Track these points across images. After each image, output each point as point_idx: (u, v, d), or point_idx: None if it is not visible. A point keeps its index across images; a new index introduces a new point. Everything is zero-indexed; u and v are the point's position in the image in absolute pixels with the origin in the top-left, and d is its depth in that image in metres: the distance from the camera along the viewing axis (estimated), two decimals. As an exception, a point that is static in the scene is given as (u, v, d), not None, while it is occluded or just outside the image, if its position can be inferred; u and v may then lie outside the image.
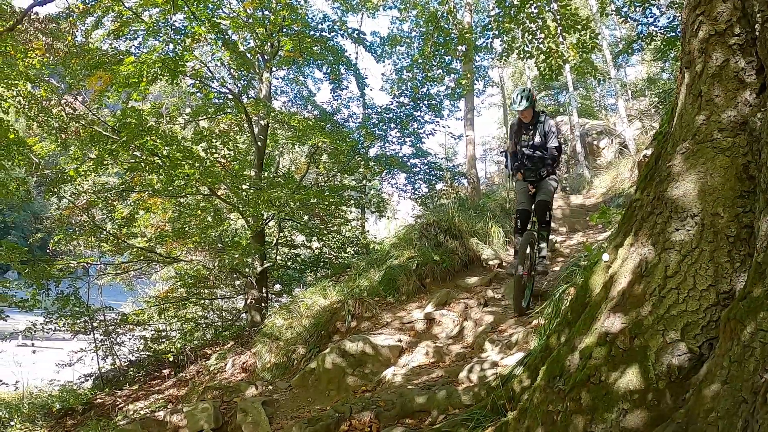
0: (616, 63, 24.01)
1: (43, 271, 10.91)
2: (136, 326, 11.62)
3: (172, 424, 6.08)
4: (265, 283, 11.48)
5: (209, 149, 11.06)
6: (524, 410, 3.16)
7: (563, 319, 3.71)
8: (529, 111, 6.93)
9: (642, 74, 30.83)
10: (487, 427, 3.61)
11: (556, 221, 13.33)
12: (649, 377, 2.45)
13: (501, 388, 4.00)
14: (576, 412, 2.67)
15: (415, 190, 15.37)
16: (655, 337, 2.51)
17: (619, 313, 2.72)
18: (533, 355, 4.02)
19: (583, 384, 2.69)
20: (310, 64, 14.86)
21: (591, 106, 31.84)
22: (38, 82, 11.36)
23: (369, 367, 6.26)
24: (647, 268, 2.72)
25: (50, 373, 11.26)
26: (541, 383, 3.10)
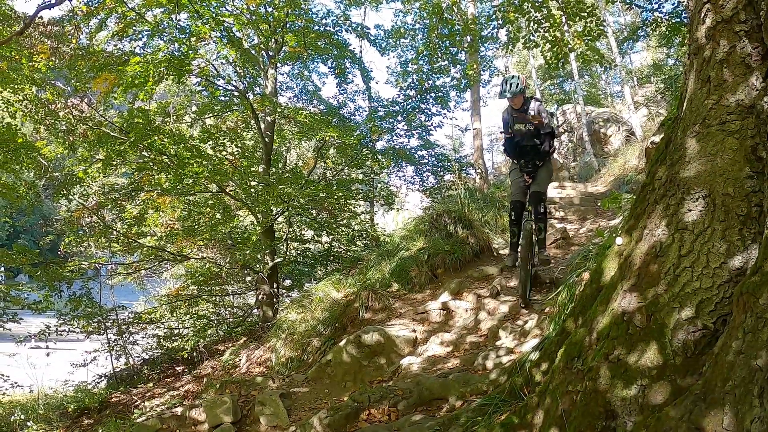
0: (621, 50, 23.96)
1: (54, 273, 10.97)
2: (149, 324, 11.67)
3: (191, 418, 6.14)
4: (276, 278, 11.52)
5: (217, 147, 11.09)
6: (543, 392, 3.20)
7: (579, 302, 3.75)
8: (519, 97, 6.74)
9: (647, 60, 30.72)
10: (506, 411, 3.65)
11: (567, 210, 13.35)
12: (667, 353, 2.50)
13: (518, 373, 4.03)
14: (595, 390, 2.70)
15: (423, 182, 15.39)
16: (671, 315, 2.55)
17: (635, 292, 2.76)
18: (549, 339, 4.06)
19: (601, 363, 2.73)
20: (315, 59, 14.87)
21: (597, 94, 31.78)
22: (44, 85, 11.42)
23: (384, 358, 6.32)
24: (661, 249, 2.77)
25: (64, 374, 11.31)
26: (560, 365, 3.15)
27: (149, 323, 11.65)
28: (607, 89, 33.92)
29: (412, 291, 8.22)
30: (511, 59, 33.02)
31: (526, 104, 6.79)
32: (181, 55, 10.31)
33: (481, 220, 9.59)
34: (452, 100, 15.14)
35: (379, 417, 4.77)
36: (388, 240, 10.93)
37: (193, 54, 10.39)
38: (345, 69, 14.28)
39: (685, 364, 2.45)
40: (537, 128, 6.76)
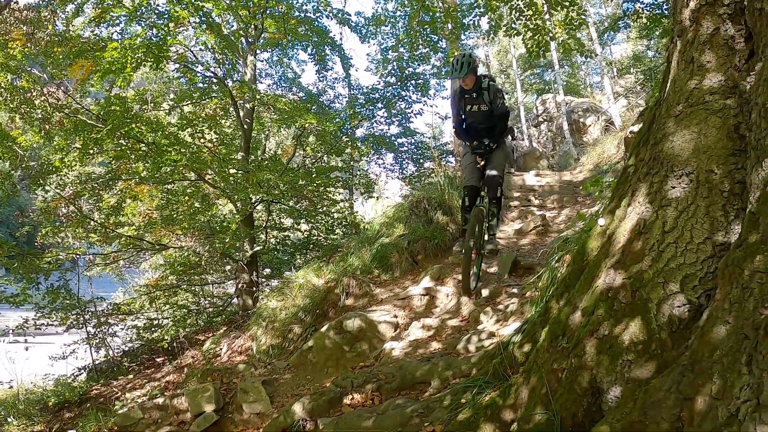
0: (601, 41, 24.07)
1: (31, 265, 10.79)
2: (128, 315, 11.54)
3: (173, 407, 6.09)
4: (255, 267, 11.44)
5: (195, 134, 10.98)
6: (528, 371, 3.21)
7: (561, 283, 3.75)
8: (470, 77, 6.35)
9: (627, 52, 30.94)
10: (490, 392, 3.64)
11: (546, 197, 13.41)
12: (652, 328, 2.50)
13: (501, 355, 4.03)
14: (580, 367, 2.71)
15: (403, 169, 15.38)
16: (655, 290, 2.56)
17: (619, 269, 2.77)
18: (531, 321, 4.07)
19: (586, 339, 2.74)
20: (295, 46, 14.78)
21: (576, 85, 31.96)
22: (20, 72, 11.20)
23: (367, 344, 6.30)
24: (645, 225, 2.78)
25: (44, 368, 11.16)
26: (544, 344, 3.16)
27: (128, 314, 11.52)
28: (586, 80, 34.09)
29: (393, 277, 8.22)
30: (492, 48, 33.09)
31: (478, 83, 6.47)
32: (160, 40, 10.16)
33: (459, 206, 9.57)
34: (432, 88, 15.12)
35: (362, 401, 4.76)
36: (368, 227, 10.91)
37: (171, 40, 10.26)
38: (325, 56, 14.23)
39: (671, 339, 2.46)
40: (491, 109, 6.51)
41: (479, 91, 6.48)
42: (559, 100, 25.00)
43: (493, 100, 6.49)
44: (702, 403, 2.01)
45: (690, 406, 2.06)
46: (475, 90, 6.48)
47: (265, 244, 12.20)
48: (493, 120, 6.54)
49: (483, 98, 6.50)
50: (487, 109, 6.52)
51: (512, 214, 12.19)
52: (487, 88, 6.47)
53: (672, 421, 2.08)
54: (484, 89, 6.47)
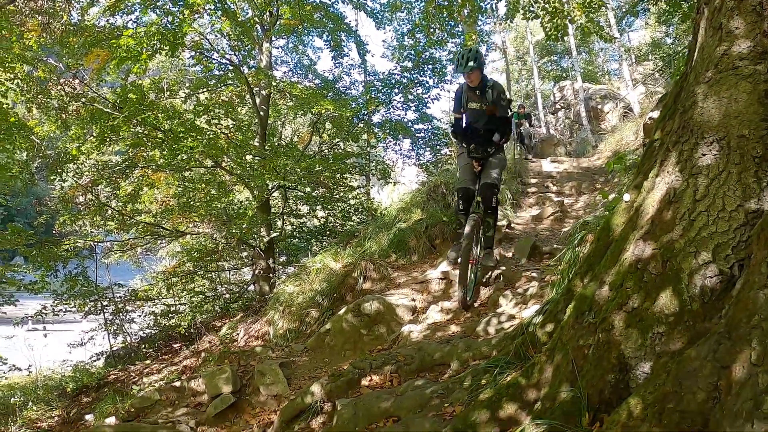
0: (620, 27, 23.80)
1: (50, 253, 10.87)
2: (146, 301, 11.61)
3: (190, 389, 6.08)
4: (272, 253, 11.46)
5: (212, 120, 10.96)
6: (552, 350, 3.14)
7: (585, 262, 3.67)
8: (476, 73, 6.07)
9: (646, 39, 30.59)
10: (512, 372, 3.58)
11: (563, 184, 13.29)
12: (683, 299, 2.42)
13: (522, 336, 3.96)
14: (608, 342, 2.63)
15: (420, 156, 15.28)
16: (687, 260, 2.48)
17: (649, 240, 2.69)
18: (554, 301, 3.99)
19: (614, 313, 2.66)
20: (310, 33, 14.72)
21: (594, 72, 31.69)
22: (36, 62, 11.23)
23: (384, 327, 6.26)
24: (675, 194, 2.70)
25: (62, 355, 11.26)
26: (569, 320, 3.08)
27: (146, 300, 11.59)
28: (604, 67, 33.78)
29: (410, 261, 8.17)
30: (509, 34, 32.82)
31: (483, 83, 6.20)
32: (175, 27, 10.13)
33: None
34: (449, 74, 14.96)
35: (380, 383, 4.71)
36: (385, 213, 10.85)
37: (186, 26, 10.22)
38: (340, 42, 14.13)
39: (704, 310, 2.38)
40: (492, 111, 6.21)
41: (483, 89, 6.23)
42: (577, 86, 24.78)
43: (496, 100, 6.22)
44: (740, 370, 1.93)
45: (727, 374, 1.98)
46: (479, 87, 6.23)
47: (281, 231, 12.18)
48: (494, 122, 6.25)
49: (486, 97, 6.24)
50: (488, 110, 6.26)
51: (529, 200, 12.11)
52: (492, 87, 6.23)
53: (709, 391, 2.00)
54: (488, 87, 6.22)
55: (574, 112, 25.12)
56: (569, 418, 2.68)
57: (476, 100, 6.29)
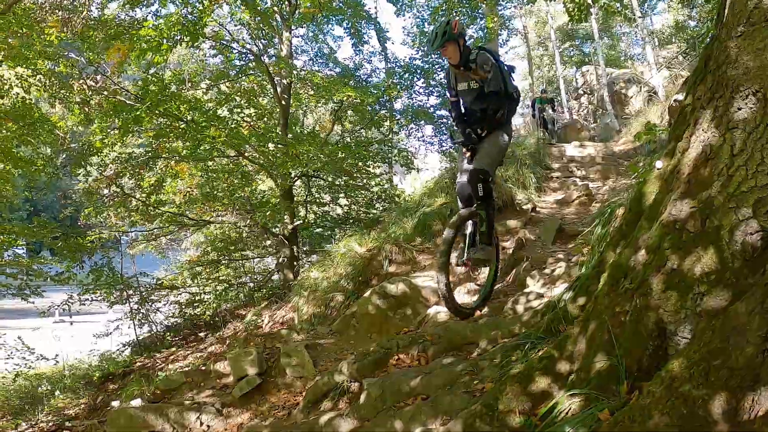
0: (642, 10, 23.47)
1: (75, 245, 11.00)
2: (171, 290, 11.70)
3: (215, 371, 6.10)
4: (295, 241, 11.47)
5: (234, 109, 10.99)
6: (586, 320, 3.06)
7: (617, 233, 3.60)
8: (452, 48, 5.18)
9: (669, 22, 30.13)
10: (543, 347, 3.50)
11: (588, 168, 13.16)
12: (724, 257, 2.34)
13: (553, 311, 3.88)
14: (646, 307, 2.56)
15: (442, 142, 15.18)
16: (727, 216, 2.39)
17: (686, 199, 2.60)
18: (585, 275, 3.90)
19: (652, 276, 2.58)
20: (330, 21, 14.66)
21: (617, 56, 31.29)
22: (57, 58, 11.32)
23: (410, 308, 6.22)
24: (712, 151, 2.61)
25: (88, 346, 11.41)
26: (604, 289, 3.00)
27: (172, 289, 11.67)
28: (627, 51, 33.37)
29: (435, 244, 8.10)
30: (530, 20, 32.49)
31: (465, 55, 5.24)
32: (195, 18, 10.15)
33: (503, 175, 9.42)
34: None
35: (408, 362, 4.66)
36: (408, 199, 10.81)
37: (207, 16, 10.24)
38: (360, 30, 14.07)
39: (746, 267, 2.29)
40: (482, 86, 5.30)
41: (467, 64, 5.29)
42: (600, 71, 24.52)
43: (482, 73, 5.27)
44: (791, 321, 1.84)
45: (778, 326, 1.89)
46: (463, 63, 5.29)
47: (304, 219, 12.17)
48: (489, 100, 5.29)
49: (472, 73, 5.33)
50: (478, 87, 5.36)
51: (553, 184, 12.02)
52: (475, 59, 5.23)
53: (758, 344, 1.91)
54: (471, 61, 5.25)
55: (597, 96, 24.88)
56: (606, 387, 2.62)
57: (463, 78, 5.45)
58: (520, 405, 2.97)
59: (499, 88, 5.21)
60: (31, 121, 10.16)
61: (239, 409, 5.38)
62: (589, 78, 26.68)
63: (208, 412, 5.27)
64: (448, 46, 5.15)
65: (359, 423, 4.02)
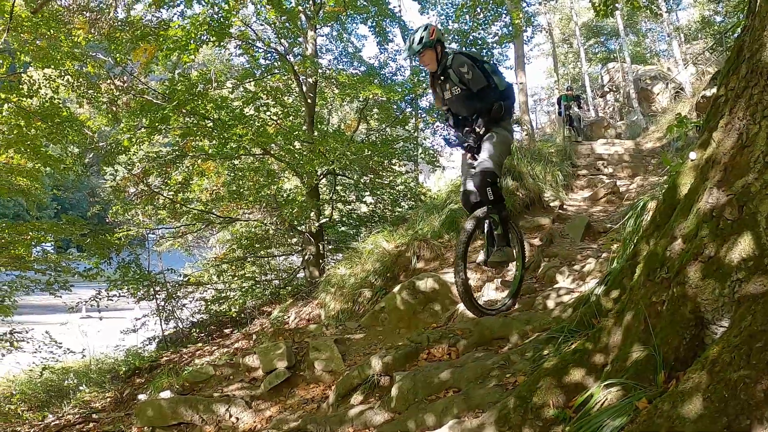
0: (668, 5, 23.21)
1: (103, 242, 11.17)
2: (197, 286, 11.82)
3: (244, 365, 6.15)
4: (321, 239, 11.51)
5: (260, 108, 11.06)
6: (621, 311, 3.05)
7: (651, 224, 3.57)
8: (429, 55, 5.12)
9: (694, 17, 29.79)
10: (577, 340, 3.49)
11: (616, 166, 13.09)
12: (763, 243, 2.32)
13: (585, 305, 3.86)
14: (683, 296, 2.55)
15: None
16: (764, 202, 2.38)
17: (723, 187, 2.60)
18: (617, 269, 3.88)
19: (689, 265, 2.57)
20: (354, 20, 14.68)
21: (642, 53, 30.96)
22: (85, 59, 11.49)
23: (439, 304, 6.22)
24: (748, 138, 2.59)
25: (115, 341, 11.58)
26: (640, 279, 2.99)
27: (198, 285, 11.78)
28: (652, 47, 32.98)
29: (463, 242, 8.10)
30: (554, 16, 32.25)
31: (443, 62, 5.17)
32: (221, 17, 10.24)
33: (530, 172, 9.38)
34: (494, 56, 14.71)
35: (439, 356, 4.68)
36: (436, 196, 10.80)
37: (232, 16, 10.33)
38: (385, 28, 14.06)
39: (786, 253, 2.27)
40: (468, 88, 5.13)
41: (444, 70, 5.19)
42: (626, 68, 24.30)
43: (460, 79, 5.11)
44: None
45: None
46: (441, 70, 5.21)
47: (330, 218, 12.22)
48: (476, 102, 5.15)
49: (451, 78, 5.18)
50: (462, 91, 5.19)
51: (580, 182, 11.98)
52: (451, 65, 5.12)
53: (801, 326, 1.90)
54: (448, 67, 5.15)
55: (623, 94, 24.64)
56: (643, 377, 2.60)
57: (446, 86, 5.30)
58: (553, 397, 2.97)
59: (483, 84, 5.07)
60: (59, 121, 10.30)
61: (268, 402, 5.42)
62: (614, 75, 26.44)
63: (237, 405, 5.32)
64: (426, 52, 5.09)
65: (390, 416, 4.04)
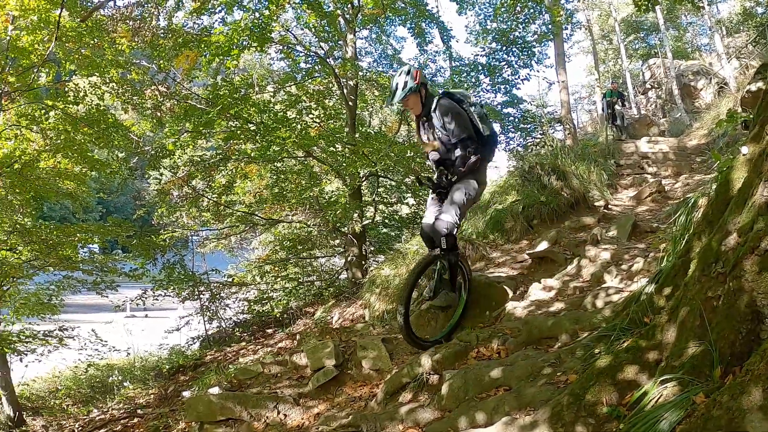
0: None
1: (149, 243, 11.44)
2: (241, 286, 12.01)
3: (292, 362, 6.22)
4: (364, 240, 11.58)
5: (303, 110, 11.20)
6: (675, 308, 3.05)
7: (703, 219, 3.55)
8: (413, 100, 5.01)
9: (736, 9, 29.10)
10: (629, 338, 3.48)
11: (660, 164, 12.90)
12: (820, 235, 2.30)
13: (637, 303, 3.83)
14: (740, 290, 2.53)
15: (509, 140, 15.05)
16: (820, 193, 2.35)
17: (778, 178, 2.57)
18: (669, 266, 3.85)
19: (745, 258, 2.56)
20: (393, 22, 14.75)
21: (683, 47, 30.34)
22: (128, 66, 11.77)
23: (485, 304, 6.19)
24: (802, 129, 2.56)
25: (158, 339, 11.87)
26: (695, 275, 2.98)
27: (242, 285, 11.96)
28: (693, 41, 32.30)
29: (508, 241, 8.12)
30: (593, 13, 31.79)
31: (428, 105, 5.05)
32: (262, 23, 10.38)
33: (574, 172, 9.33)
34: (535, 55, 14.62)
35: (488, 354, 4.69)
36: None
37: (273, 20, 10.47)
38: (423, 29, 14.10)
39: None
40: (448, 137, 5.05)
41: (428, 114, 5.09)
42: (668, 64, 23.85)
43: (443, 125, 5.00)
44: None
45: None
46: (426, 113, 5.12)
47: (372, 219, 12.28)
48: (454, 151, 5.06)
49: (434, 122, 5.09)
50: (445, 139, 5.10)
51: (624, 181, 11.85)
52: (434, 110, 5.01)
53: None
54: (432, 111, 5.03)
55: (665, 90, 24.19)
56: (699, 372, 2.60)
57: (428, 130, 5.24)
58: (607, 395, 2.97)
59: (463, 136, 4.92)
60: (105, 126, 10.57)
61: (316, 400, 5.48)
62: (656, 71, 25.96)
63: (285, 402, 5.38)
64: (410, 97, 4.98)
65: (440, 414, 4.06)
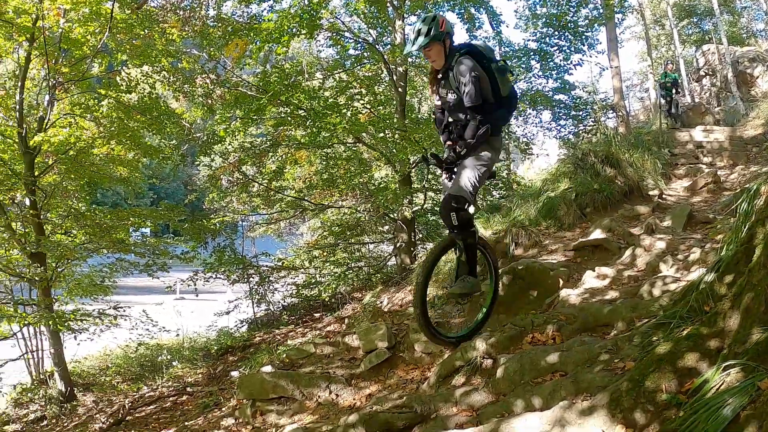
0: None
1: (200, 227, 11.70)
2: (291, 270, 12.18)
3: (344, 344, 6.32)
4: (413, 227, 11.59)
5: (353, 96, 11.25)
6: (738, 294, 3.02)
7: (766, 207, 3.47)
8: (435, 50, 4.55)
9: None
10: (689, 326, 3.43)
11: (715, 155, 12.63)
12: None
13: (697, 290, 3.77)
14: (807, 275, 2.48)
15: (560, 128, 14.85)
16: None
17: None
18: (730, 254, 3.77)
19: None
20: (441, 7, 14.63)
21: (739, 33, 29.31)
22: (179, 55, 11.99)
23: (538, 290, 6.18)
24: None
25: (207, 321, 12.19)
26: (760, 260, 2.94)
27: (291, 269, 12.13)
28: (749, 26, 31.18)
29: (561, 229, 8.05)
30: (645, -5, 30.85)
31: (449, 61, 4.60)
32: (310, 10, 10.43)
33: (628, 160, 9.19)
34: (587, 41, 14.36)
35: (543, 340, 4.67)
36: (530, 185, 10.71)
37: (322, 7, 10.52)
38: (472, 15, 13.96)
39: None
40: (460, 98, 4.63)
41: (447, 71, 4.67)
42: (722, 50, 23.09)
43: (458, 85, 4.58)
44: None
45: None
46: (445, 69, 4.68)
47: (422, 206, 12.29)
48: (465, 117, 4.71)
49: (450, 82, 4.67)
50: (457, 98, 4.67)
51: (679, 171, 11.65)
52: (452, 67, 4.59)
53: None
54: (450, 68, 4.62)
55: (720, 77, 23.44)
56: (764, 358, 2.57)
57: (445, 85, 4.78)
58: (666, 382, 2.95)
59: (475, 103, 4.51)
60: (157, 114, 10.81)
61: (368, 381, 5.55)
62: (710, 58, 25.14)
63: (337, 382, 5.47)
64: (433, 46, 4.53)
65: (495, 397, 4.08)
